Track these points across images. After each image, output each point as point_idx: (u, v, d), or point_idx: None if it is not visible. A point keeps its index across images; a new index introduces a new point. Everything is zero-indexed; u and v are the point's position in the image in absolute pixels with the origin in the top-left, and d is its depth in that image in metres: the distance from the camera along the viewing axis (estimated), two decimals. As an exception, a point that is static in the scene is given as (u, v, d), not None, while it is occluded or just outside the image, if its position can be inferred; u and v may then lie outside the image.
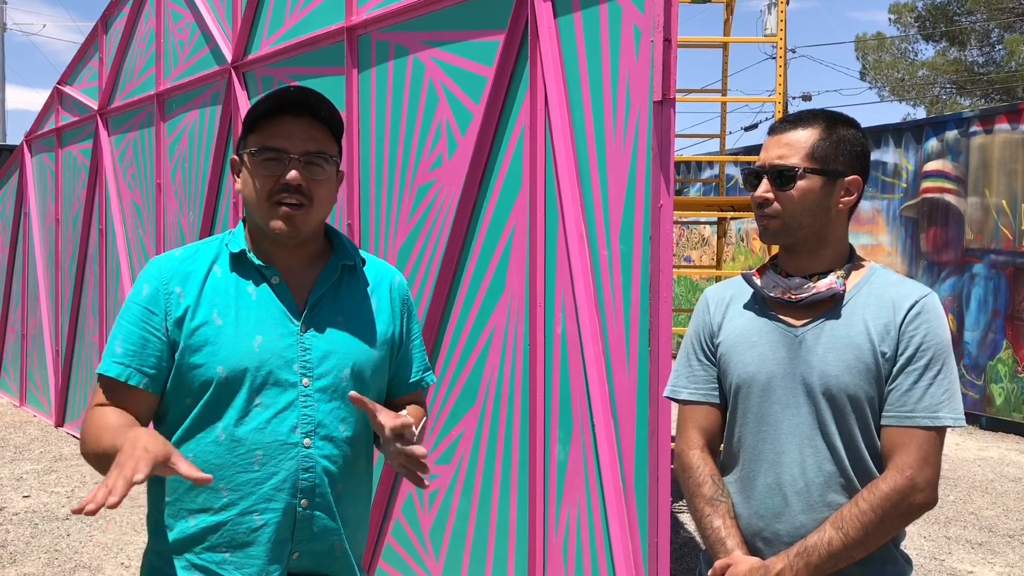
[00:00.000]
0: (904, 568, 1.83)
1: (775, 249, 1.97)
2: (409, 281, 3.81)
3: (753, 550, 1.83)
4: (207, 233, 5.69)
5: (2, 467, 6.93)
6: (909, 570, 1.84)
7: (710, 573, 1.80)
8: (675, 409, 2.14)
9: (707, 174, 13.36)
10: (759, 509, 1.83)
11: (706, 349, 1.96)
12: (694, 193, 13.68)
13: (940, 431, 1.74)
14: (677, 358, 2.07)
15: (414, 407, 1.93)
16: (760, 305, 1.90)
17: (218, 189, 5.63)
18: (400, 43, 3.98)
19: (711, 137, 8.60)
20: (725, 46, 7.41)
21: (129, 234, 7.04)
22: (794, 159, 1.82)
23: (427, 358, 2.02)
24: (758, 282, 1.90)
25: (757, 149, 10.54)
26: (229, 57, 5.36)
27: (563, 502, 3.22)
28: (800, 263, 1.87)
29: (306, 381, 1.72)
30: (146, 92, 6.64)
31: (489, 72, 3.49)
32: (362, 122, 4.20)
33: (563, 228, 3.20)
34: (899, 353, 1.76)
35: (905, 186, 10.17)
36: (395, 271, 1.97)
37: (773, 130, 1.90)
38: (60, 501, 6.01)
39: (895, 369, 1.76)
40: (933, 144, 9.79)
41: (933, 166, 9.80)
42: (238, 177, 1.79)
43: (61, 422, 8.32)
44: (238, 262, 1.77)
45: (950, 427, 1.75)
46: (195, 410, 1.70)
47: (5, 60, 24.64)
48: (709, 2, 7.01)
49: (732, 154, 10.97)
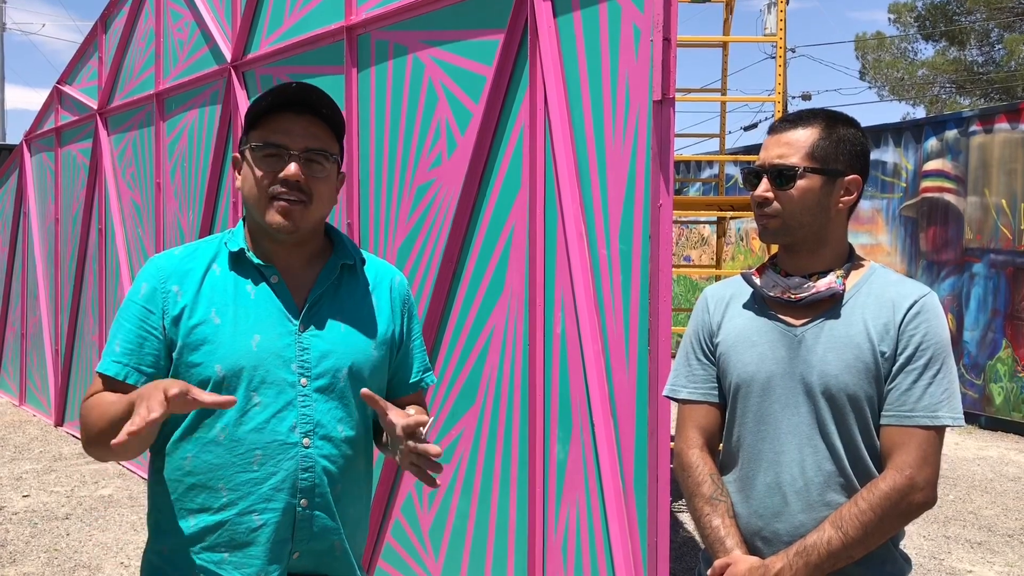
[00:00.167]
0: (903, 567, 1.83)
1: (775, 248, 1.97)
2: (409, 280, 3.81)
3: (752, 549, 1.83)
4: (207, 232, 5.69)
5: (1, 467, 6.93)
6: (908, 569, 1.84)
7: (709, 572, 1.80)
8: (675, 408, 2.14)
9: (707, 173, 13.37)
10: (758, 508, 1.83)
11: (705, 348, 1.95)
12: (694, 193, 13.68)
13: (939, 430, 1.74)
14: (676, 357, 2.07)
15: (416, 408, 1.92)
16: (759, 304, 1.90)
17: (217, 188, 5.62)
18: (399, 42, 3.97)
19: (711, 136, 8.60)
20: (725, 45, 7.41)
21: (128, 233, 7.04)
22: (794, 158, 1.82)
23: (428, 358, 2.01)
24: (757, 281, 1.90)
25: (757, 148, 10.54)
26: (228, 56, 5.36)
27: (562, 501, 3.22)
28: (800, 262, 1.87)
29: (304, 381, 1.72)
30: (145, 91, 6.63)
31: (489, 71, 3.49)
32: (361, 121, 4.20)
33: (563, 227, 3.19)
34: (898, 352, 1.76)
35: (905, 185, 10.17)
36: (395, 271, 1.96)
37: (773, 129, 1.90)
38: (59, 501, 6.00)
39: (894, 368, 1.76)
40: (933, 144, 9.78)
41: (933, 166, 9.80)
42: (239, 174, 1.78)
43: (61, 422, 8.32)
44: (237, 261, 1.76)
45: (949, 426, 1.75)
46: (193, 409, 1.69)
47: (4, 59, 24.64)
48: (708, 1, 7.01)
49: (732, 153, 10.98)
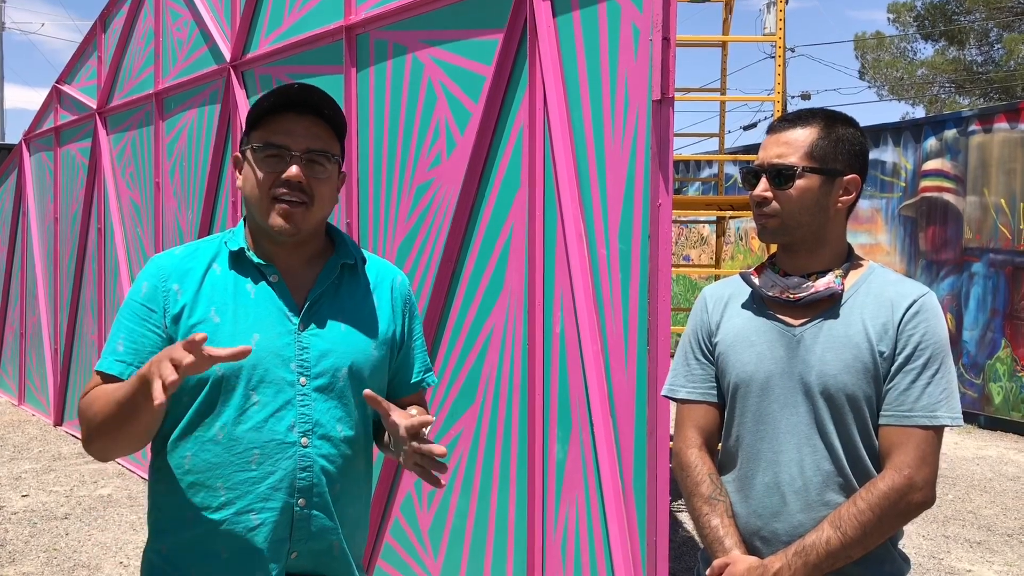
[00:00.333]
0: (902, 567, 1.83)
1: (774, 248, 1.97)
2: (408, 280, 3.81)
3: (751, 549, 1.83)
4: (206, 232, 5.68)
5: (1, 466, 6.93)
6: (907, 569, 1.84)
7: (708, 572, 1.80)
8: (674, 408, 2.14)
9: (706, 173, 13.37)
10: (757, 508, 1.83)
11: (704, 348, 1.95)
12: (693, 192, 13.68)
13: (938, 430, 1.74)
14: (675, 357, 2.07)
15: (418, 408, 1.91)
16: (758, 304, 1.90)
17: (217, 188, 5.62)
18: (399, 42, 3.97)
19: (710, 136, 8.60)
20: (724, 45, 7.40)
21: (128, 233, 7.04)
22: (793, 158, 1.82)
23: (429, 359, 2.00)
24: (756, 281, 1.90)
25: (756, 148, 10.52)
26: (228, 56, 5.36)
27: (562, 501, 3.22)
28: (798, 262, 1.87)
29: (303, 380, 1.71)
30: (145, 91, 6.63)
31: (488, 71, 3.49)
32: (361, 121, 4.20)
33: (562, 227, 3.19)
34: (897, 352, 1.76)
35: (904, 185, 10.17)
36: (397, 271, 1.96)
37: (772, 129, 1.90)
38: (59, 500, 6.00)
39: (893, 368, 1.76)
40: (932, 143, 9.79)
41: (932, 165, 9.80)
42: (240, 173, 1.78)
43: (60, 421, 8.32)
44: (237, 260, 1.77)
45: (948, 426, 1.75)
46: (192, 407, 1.69)
47: (4, 59, 24.64)
48: (708, 1, 7.01)
49: (731, 153, 10.97)
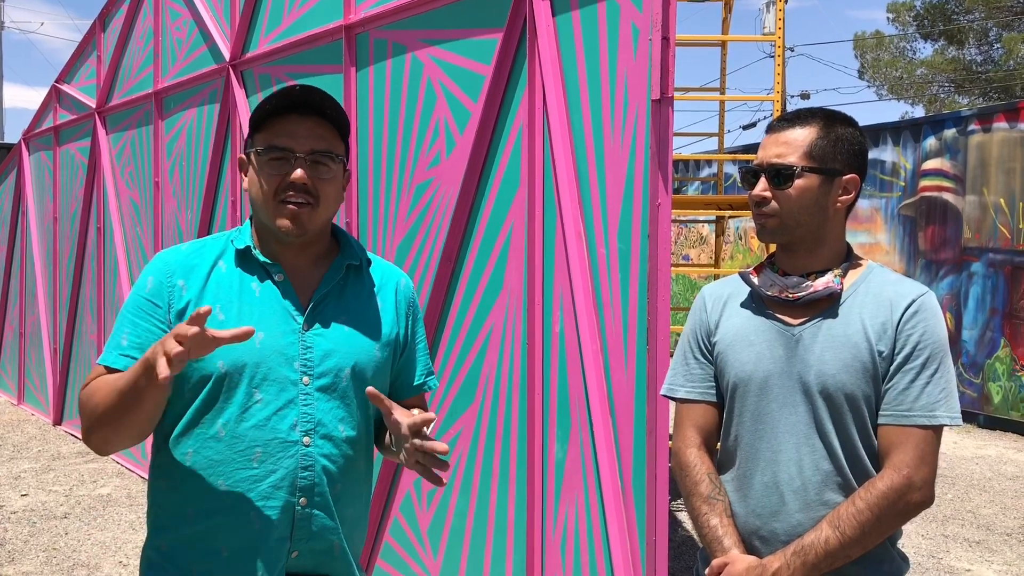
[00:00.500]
0: (901, 566, 1.83)
1: (773, 247, 1.98)
2: (412, 283, 3.81)
3: (750, 548, 1.83)
4: (205, 231, 5.68)
5: (0, 465, 6.93)
6: (906, 568, 1.85)
7: (707, 571, 1.81)
8: (673, 407, 2.14)
9: (705, 172, 13.37)
10: (756, 508, 1.83)
11: (703, 347, 1.96)
12: (692, 191, 13.69)
13: (937, 430, 1.74)
14: (674, 356, 2.07)
15: (419, 410, 1.92)
16: (757, 304, 1.90)
17: (216, 187, 5.62)
18: (398, 41, 3.97)
19: (709, 136, 8.61)
20: (723, 44, 7.40)
21: (127, 232, 7.04)
22: (792, 158, 1.82)
23: (431, 362, 2.01)
24: (755, 281, 1.90)
25: (755, 147, 10.53)
26: (227, 55, 5.36)
27: (561, 500, 3.22)
28: (798, 262, 1.87)
29: (306, 379, 1.72)
30: (144, 90, 6.63)
31: (487, 71, 3.49)
32: (360, 121, 4.20)
33: (561, 226, 3.20)
34: (896, 352, 1.76)
35: (903, 185, 10.17)
36: (401, 273, 1.97)
37: (771, 128, 1.90)
38: (58, 500, 6.00)
39: (892, 368, 1.76)
40: (931, 143, 9.79)
41: (931, 165, 9.80)
42: (245, 176, 1.79)
43: (59, 420, 8.32)
44: (243, 258, 1.77)
45: (947, 426, 1.75)
46: (194, 404, 1.70)
47: (3, 58, 24.62)
48: (707, 0, 7.01)
49: (730, 152, 10.98)
